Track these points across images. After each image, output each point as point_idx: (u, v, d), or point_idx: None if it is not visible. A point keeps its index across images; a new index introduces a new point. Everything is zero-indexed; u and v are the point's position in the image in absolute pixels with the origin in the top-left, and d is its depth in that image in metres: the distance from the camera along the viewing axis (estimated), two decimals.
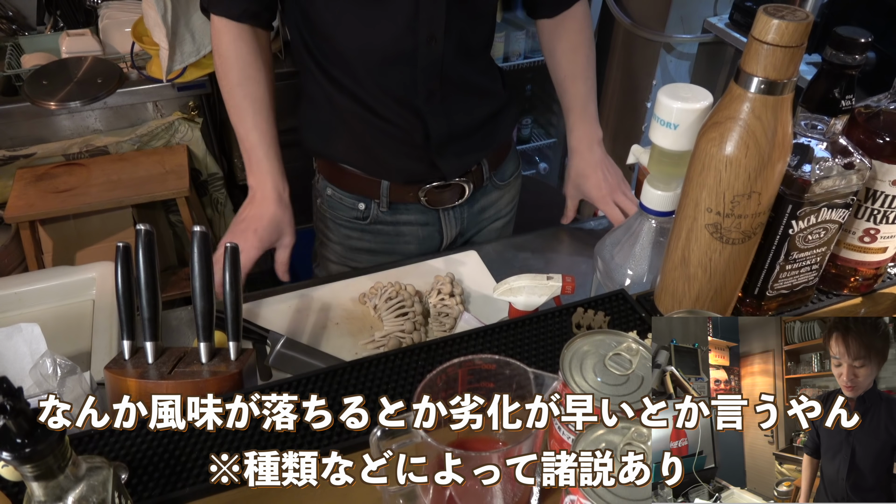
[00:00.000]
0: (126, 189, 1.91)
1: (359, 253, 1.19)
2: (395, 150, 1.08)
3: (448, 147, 1.09)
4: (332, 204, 1.17)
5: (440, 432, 0.55)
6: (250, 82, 1.02)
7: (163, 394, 0.69)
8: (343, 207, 1.16)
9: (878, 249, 0.78)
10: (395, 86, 1.02)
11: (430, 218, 1.17)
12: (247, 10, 0.98)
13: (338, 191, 1.15)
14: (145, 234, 0.71)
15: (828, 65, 0.73)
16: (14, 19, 2.15)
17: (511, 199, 1.28)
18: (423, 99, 1.03)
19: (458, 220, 1.20)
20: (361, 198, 1.14)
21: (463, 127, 1.09)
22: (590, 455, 0.47)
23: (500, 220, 1.28)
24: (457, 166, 1.13)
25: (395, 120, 1.05)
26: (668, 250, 0.73)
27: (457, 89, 1.05)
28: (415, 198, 1.13)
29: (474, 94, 1.09)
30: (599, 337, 0.57)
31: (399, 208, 1.15)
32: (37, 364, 0.70)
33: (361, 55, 1.00)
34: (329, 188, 1.16)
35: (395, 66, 1.00)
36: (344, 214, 1.17)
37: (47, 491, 0.44)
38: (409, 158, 1.09)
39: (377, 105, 1.04)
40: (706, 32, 2.07)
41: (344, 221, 1.17)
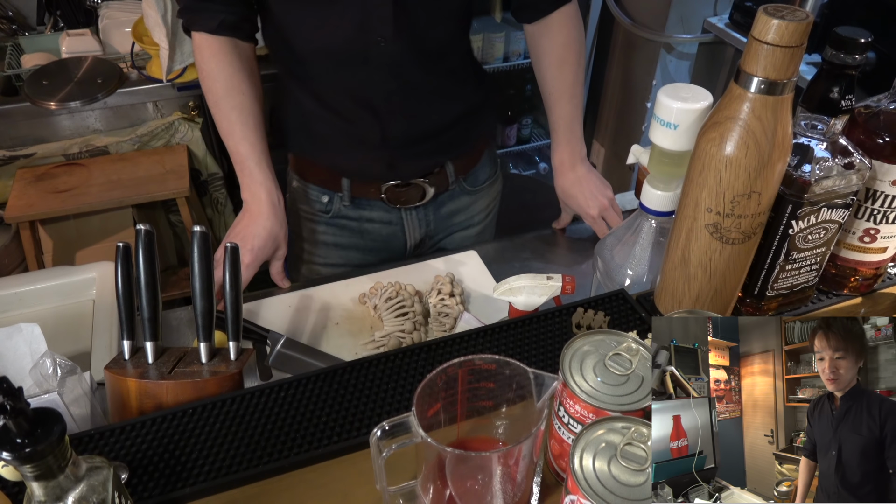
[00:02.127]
0: (126, 189, 1.91)
1: (325, 248, 1.19)
2: (353, 148, 1.08)
3: (407, 148, 1.08)
4: (298, 196, 1.17)
5: (440, 432, 0.55)
6: (235, 93, 1.01)
7: (163, 394, 0.69)
8: (308, 200, 1.16)
9: (877, 249, 0.78)
10: (352, 85, 1.02)
11: (393, 217, 1.16)
12: (223, 21, 0.98)
13: (302, 182, 1.16)
14: (145, 234, 0.71)
15: (828, 65, 0.73)
16: (14, 19, 2.15)
17: (486, 205, 1.26)
18: (381, 99, 1.03)
19: (422, 223, 1.19)
20: (325, 190, 1.14)
21: (423, 129, 1.08)
22: (590, 455, 0.47)
23: (473, 227, 1.25)
24: (414, 168, 1.12)
25: (352, 118, 1.05)
26: (668, 250, 0.73)
27: (417, 91, 1.04)
28: (376, 194, 1.13)
29: (438, 96, 1.08)
30: (599, 337, 0.57)
31: (362, 204, 1.15)
32: (37, 364, 0.70)
33: (316, 55, 1.00)
34: (295, 180, 1.17)
35: (349, 66, 1.00)
36: (309, 207, 1.17)
37: (47, 491, 0.44)
38: (367, 158, 1.09)
39: (335, 103, 1.05)
40: (706, 32, 2.07)
41: (309, 214, 1.17)
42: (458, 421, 0.56)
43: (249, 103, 1.02)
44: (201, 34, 0.99)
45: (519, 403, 0.55)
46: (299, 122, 1.11)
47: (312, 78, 1.04)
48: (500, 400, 0.56)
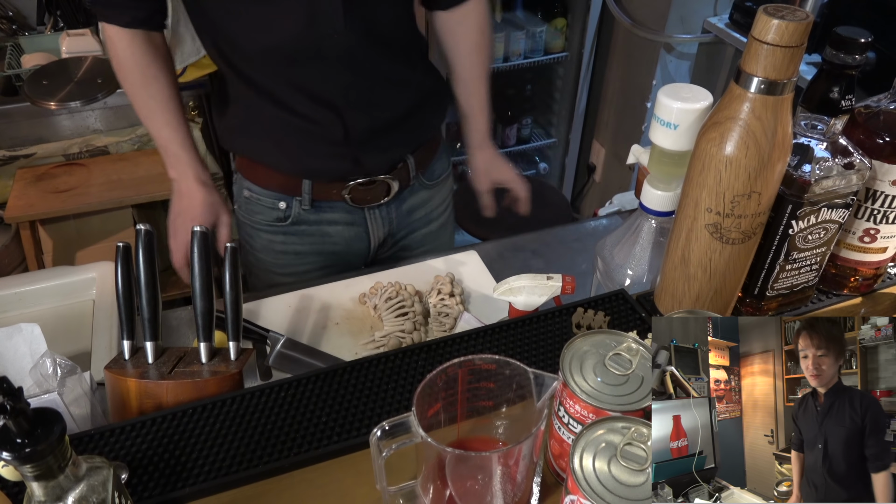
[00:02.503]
0: (126, 189, 1.91)
1: (285, 257, 1.16)
2: (315, 148, 1.06)
3: (371, 142, 1.07)
4: (251, 207, 1.13)
5: (440, 432, 0.55)
6: (152, 82, 1.02)
7: (163, 394, 0.69)
8: (263, 209, 1.12)
9: (878, 249, 0.78)
10: (308, 82, 1.01)
11: (356, 217, 1.14)
12: (135, 17, 0.98)
13: (256, 190, 1.12)
14: (145, 234, 0.71)
15: (828, 65, 0.73)
16: (14, 19, 2.15)
17: (443, 200, 1.26)
18: (339, 93, 1.01)
19: (385, 221, 1.17)
20: (282, 196, 1.11)
21: (385, 120, 1.07)
22: (590, 455, 0.47)
23: (433, 222, 1.25)
24: (382, 162, 1.10)
25: (312, 117, 1.03)
26: (668, 250, 0.73)
27: (373, 80, 1.03)
28: (339, 196, 1.10)
29: (394, 85, 1.07)
30: (599, 337, 0.57)
31: (323, 206, 1.12)
32: (37, 364, 0.70)
33: (266, 55, 0.98)
34: (246, 189, 1.13)
35: (302, 63, 0.98)
36: (264, 217, 1.13)
37: (47, 491, 0.44)
38: (331, 156, 1.07)
39: (292, 103, 1.02)
40: (706, 32, 2.07)
41: (265, 225, 1.14)
42: (458, 421, 0.56)
43: (167, 90, 1.03)
44: (112, 26, 0.99)
45: (519, 403, 0.55)
46: (250, 126, 1.07)
47: (264, 79, 1.01)
48: (500, 400, 0.56)
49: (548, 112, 2.75)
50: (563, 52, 2.50)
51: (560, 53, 2.49)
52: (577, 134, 2.63)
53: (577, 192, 2.81)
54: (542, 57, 2.48)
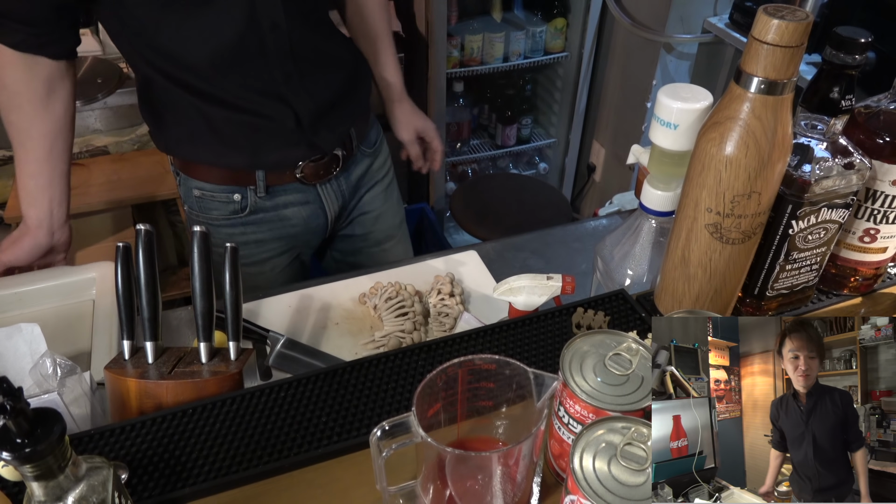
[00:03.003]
0: (126, 189, 1.91)
1: (247, 247, 1.17)
2: (268, 141, 1.07)
3: (320, 123, 1.09)
4: (204, 205, 1.13)
5: (440, 432, 0.55)
6: (13, 110, 0.96)
7: (163, 394, 0.69)
8: (217, 204, 1.12)
9: (878, 249, 0.78)
10: (253, 79, 1.01)
11: (310, 195, 1.17)
12: (25, 41, 0.92)
13: (208, 188, 1.11)
14: (145, 234, 0.71)
15: (828, 65, 0.73)
16: None
17: (383, 162, 1.30)
18: (283, 83, 1.02)
19: (337, 194, 1.20)
20: (236, 188, 1.11)
21: (327, 100, 1.09)
22: (590, 455, 0.47)
23: (378, 184, 1.29)
24: (332, 140, 1.13)
25: (262, 112, 1.04)
26: (668, 250, 0.73)
27: (310, 64, 1.05)
28: (292, 177, 1.12)
29: (326, 63, 1.09)
30: (599, 337, 0.57)
31: (277, 191, 1.13)
32: (37, 364, 0.70)
33: (208, 60, 0.97)
34: (196, 189, 1.12)
35: (246, 61, 0.98)
36: (220, 212, 1.13)
37: (47, 491, 0.44)
38: (285, 145, 1.08)
39: (240, 102, 1.02)
40: (706, 32, 2.07)
41: (222, 220, 1.14)
42: (458, 421, 0.56)
43: (27, 124, 0.98)
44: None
45: (519, 403, 0.55)
46: (195, 132, 1.06)
47: (207, 85, 1.00)
48: (500, 400, 0.56)
49: (548, 112, 2.75)
50: (563, 52, 2.50)
51: (560, 53, 2.49)
52: (577, 134, 2.63)
53: (577, 192, 2.81)
54: (542, 57, 2.48)
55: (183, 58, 0.97)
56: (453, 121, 2.64)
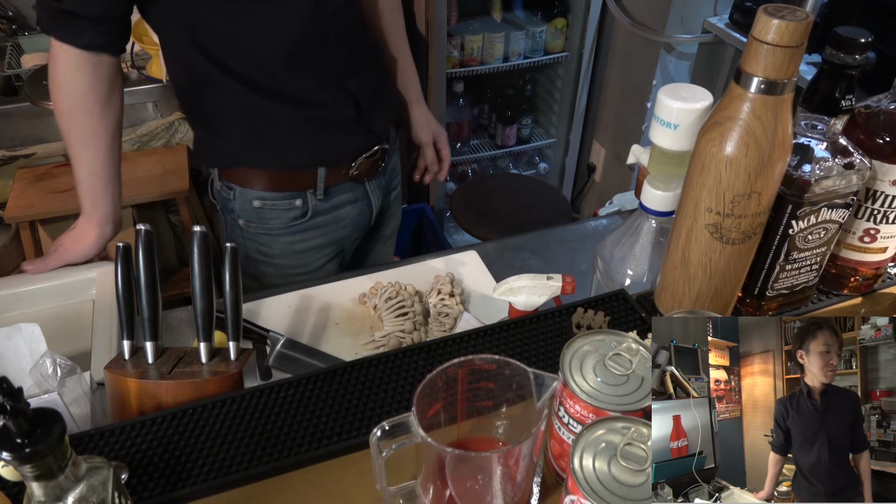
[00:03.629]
0: (126, 189, 1.90)
1: (305, 255, 1.18)
2: (330, 131, 1.08)
3: (375, 108, 1.12)
4: (263, 215, 1.13)
5: (440, 432, 0.55)
6: (85, 114, 0.97)
7: (163, 394, 0.69)
8: (277, 212, 1.12)
9: (878, 249, 0.78)
10: (316, 69, 1.02)
11: (359, 193, 1.19)
12: (94, 40, 0.93)
13: (268, 196, 1.11)
14: (145, 234, 0.71)
15: (828, 65, 0.73)
16: (14, 19, 2.15)
17: (398, 160, 1.32)
18: (342, 70, 1.04)
19: (380, 189, 1.23)
20: (297, 193, 1.11)
21: (376, 85, 1.13)
22: (590, 455, 0.47)
23: (399, 181, 1.33)
24: (385, 125, 1.16)
25: (324, 102, 1.05)
26: (668, 250, 0.73)
27: (361, 49, 1.08)
28: (346, 176, 1.14)
29: (370, 48, 1.13)
30: (599, 337, 0.57)
31: (332, 192, 1.14)
32: (37, 364, 0.70)
33: (275, 52, 0.98)
34: (256, 200, 1.11)
35: (309, 52, 1.00)
36: (279, 221, 1.13)
37: (47, 491, 0.44)
38: (346, 134, 1.10)
39: (302, 94, 1.03)
40: (706, 32, 2.07)
41: (282, 230, 1.14)
42: (458, 421, 0.56)
43: (95, 122, 0.99)
44: (63, 45, 0.92)
45: (519, 403, 0.55)
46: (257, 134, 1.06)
47: (268, 79, 1.00)
48: (500, 400, 0.56)
49: (548, 112, 2.75)
50: (563, 52, 2.50)
51: (560, 53, 2.49)
52: (577, 134, 2.63)
53: (577, 192, 2.81)
54: (542, 57, 2.48)
55: (247, 52, 0.98)
56: (453, 121, 2.64)
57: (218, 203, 1.18)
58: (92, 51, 0.94)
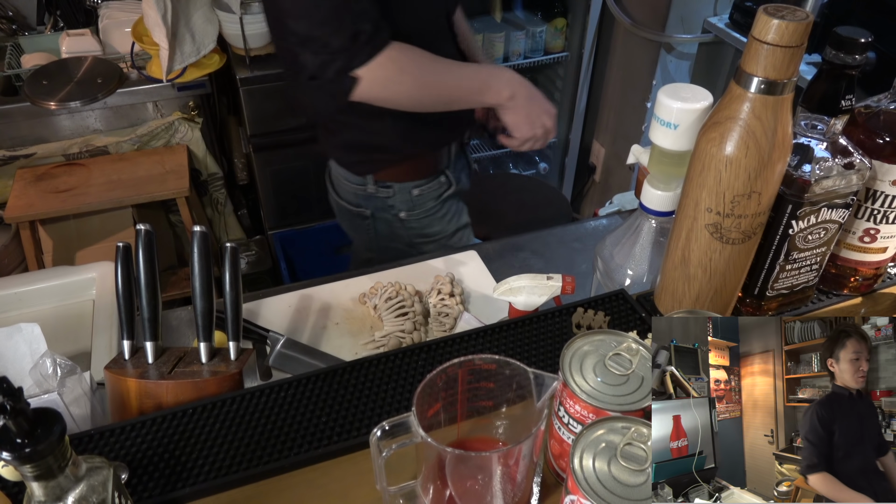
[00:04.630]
0: (126, 189, 1.91)
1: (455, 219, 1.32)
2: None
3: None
4: (421, 201, 1.25)
5: (440, 432, 0.55)
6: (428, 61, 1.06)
7: (163, 394, 0.69)
8: (432, 192, 1.25)
9: (878, 249, 0.78)
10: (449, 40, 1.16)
11: (464, 162, 1.34)
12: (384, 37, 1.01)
13: (424, 183, 1.23)
14: (145, 234, 0.71)
15: (828, 65, 0.73)
16: (14, 19, 2.15)
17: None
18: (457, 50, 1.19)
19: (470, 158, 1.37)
20: (441, 173, 1.25)
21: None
22: (590, 455, 0.47)
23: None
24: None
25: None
26: (668, 250, 0.73)
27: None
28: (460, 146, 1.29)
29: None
30: (599, 337, 0.57)
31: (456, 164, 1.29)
32: (37, 364, 0.70)
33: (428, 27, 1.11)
34: (415, 188, 1.23)
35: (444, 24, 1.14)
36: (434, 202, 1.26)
37: (47, 491, 0.44)
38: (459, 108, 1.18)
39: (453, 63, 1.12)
40: (706, 32, 2.07)
41: (437, 207, 1.27)
42: (458, 421, 0.56)
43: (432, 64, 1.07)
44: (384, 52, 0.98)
45: (519, 403, 0.55)
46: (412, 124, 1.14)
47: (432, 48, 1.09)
48: (500, 400, 0.56)
49: None
50: (563, 52, 2.50)
51: (560, 53, 2.49)
52: (577, 134, 2.63)
53: (577, 192, 2.81)
54: (542, 57, 2.48)
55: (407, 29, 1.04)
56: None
57: (367, 208, 1.26)
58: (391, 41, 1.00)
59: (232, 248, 0.75)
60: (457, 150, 1.29)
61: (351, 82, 0.99)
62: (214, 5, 1.85)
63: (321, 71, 0.98)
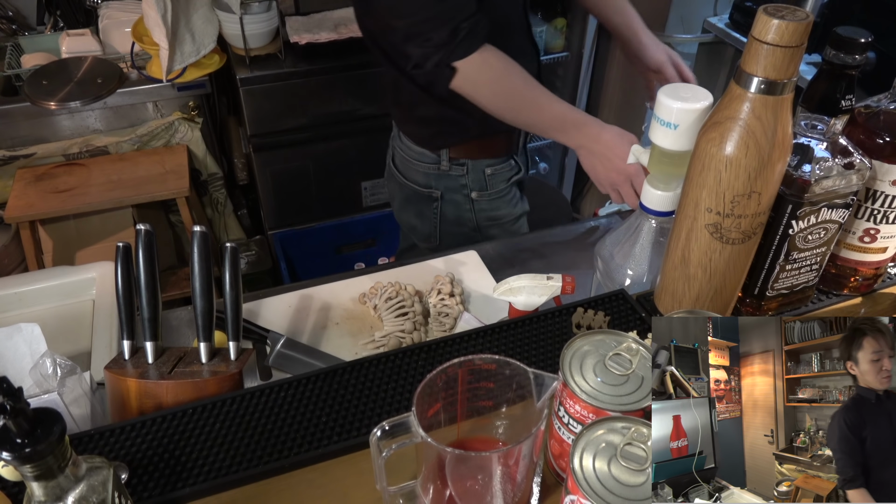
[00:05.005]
0: (126, 189, 1.91)
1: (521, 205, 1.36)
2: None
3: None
4: (493, 181, 1.29)
5: (440, 432, 0.55)
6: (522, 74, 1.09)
7: (163, 394, 0.69)
8: (504, 174, 1.29)
9: (878, 249, 0.78)
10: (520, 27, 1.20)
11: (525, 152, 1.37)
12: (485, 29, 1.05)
13: (497, 163, 1.28)
14: (145, 234, 0.71)
15: (828, 65, 0.73)
16: (14, 19, 2.15)
17: None
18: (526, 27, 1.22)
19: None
20: (511, 155, 1.29)
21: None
22: (590, 455, 0.47)
23: None
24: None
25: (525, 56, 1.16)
26: (668, 250, 0.73)
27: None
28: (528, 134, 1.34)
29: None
30: (599, 337, 0.57)
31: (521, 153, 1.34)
32: (37, 364, 0.70)
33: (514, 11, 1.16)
34: (488, 167, 1.27)
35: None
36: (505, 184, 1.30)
37: (47, 491, 0.44)
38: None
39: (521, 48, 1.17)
40: (706, 32, 2.07)
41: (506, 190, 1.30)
42: (458, 421, 0.56)
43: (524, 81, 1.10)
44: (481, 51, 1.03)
45: (519, 403, 0.55)
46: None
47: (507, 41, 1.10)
48: (500, 400, 0.56)
49: None
50: (563, 52, 2.49)
51: (560, 53, 2.49)
52: None
53: (577, 192, 2.81)
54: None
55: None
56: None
57: (437, 189, 1.29)
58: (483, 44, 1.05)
59: (232, 248, 0.75)
60: (525, 140, 1.33)
61: (451, 72, 1.06)
62: (214, 5, 1.85)
63: (423, 61, 1.06)
